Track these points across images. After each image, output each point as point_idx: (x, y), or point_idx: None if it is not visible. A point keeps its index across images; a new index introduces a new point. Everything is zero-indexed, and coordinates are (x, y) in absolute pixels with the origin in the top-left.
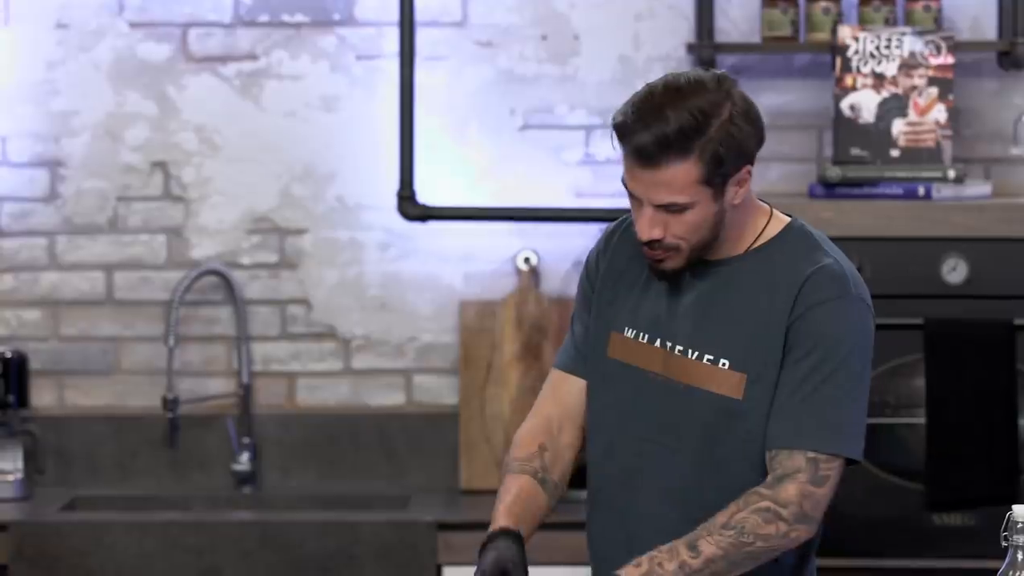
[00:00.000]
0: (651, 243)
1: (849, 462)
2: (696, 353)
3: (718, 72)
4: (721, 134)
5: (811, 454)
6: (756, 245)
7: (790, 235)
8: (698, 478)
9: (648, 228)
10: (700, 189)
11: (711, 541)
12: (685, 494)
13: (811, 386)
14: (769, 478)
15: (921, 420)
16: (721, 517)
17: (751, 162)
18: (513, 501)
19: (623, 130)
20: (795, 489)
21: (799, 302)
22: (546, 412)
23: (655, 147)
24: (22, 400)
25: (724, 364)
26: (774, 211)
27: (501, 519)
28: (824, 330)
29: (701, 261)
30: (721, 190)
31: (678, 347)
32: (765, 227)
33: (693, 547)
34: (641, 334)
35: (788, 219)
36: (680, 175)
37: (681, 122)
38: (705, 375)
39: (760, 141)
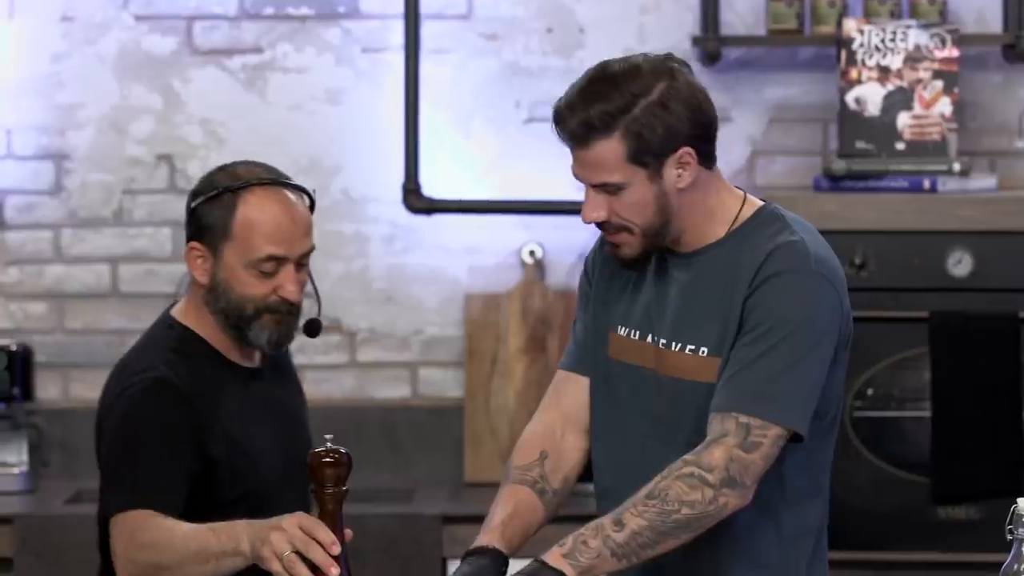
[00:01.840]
0: (601, 227)
1: (795, 438)
2: (679, 345)
3: (663, 56)
4: (646, 114)
5: (743, 419)
6: (731, 231)
7: (760, 218)
8: None
9: (590, 209)
10: (630, 168)
11: (635, 513)
12: None
13: (753, 355)
14: (700, 445)
15: (926, 413)
16: (646, 488)
17: (690, 145)
18: (509, 518)
19: (557, 116)
20: (721, 453)
21: (756, 277)
22: (549, 416)
23: (581, 128)
24: (27, 393)
25: (703, 352)
26: (747, 197)
27: (492, 536)
28: (773, 302)
29: (679, 254)
30: (658, 171)
31: (663, 341)
32: (739, 213)
33: (618, 522)
34: (633, 331)
35: (761, 204)
36: (606, 154)
37: (606, 104)
38: (689, 366)
39: (700, 125)
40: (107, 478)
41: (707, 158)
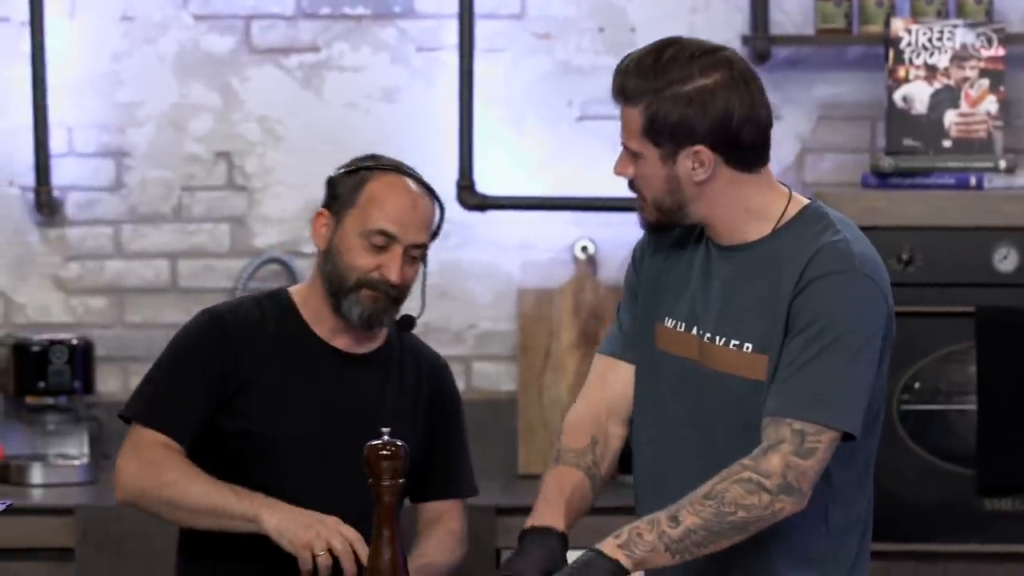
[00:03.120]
0: (630, 185)
1: (846, 437)
2: (723, 339)
3: (730, 57)
4: (669, 101)
5: (797, 425)
6: (776, 228)
7: (805, 216)
8: (731, 461)
9: (619, 164)
10: (644, 142)
11: (691, 511)
12: None
13: (805, 358)
14: (756, 450)
15: (972, 406)
16: (703, 489)
17: (707, 145)
18: (570, 503)
19: (615, 73)
20: (778, 460)
21: (803, 278)
22: (594, 400)
23: (618, 89)
24: (88, 386)
25: (748, 347)
26: (793, 195)
27: (556, 519)
28: (822, 304)
29: (722, 247)
30: (671, 156)
31: (707, 334)
32: (784, 211)
33: (673, 518)
34: (679, 323)
35: (806, 202)
36: (629, 119)
37: (643, 80)
38: (732, 360)
39: (725, 132)
40: (140, 384)
41: (740, 161)
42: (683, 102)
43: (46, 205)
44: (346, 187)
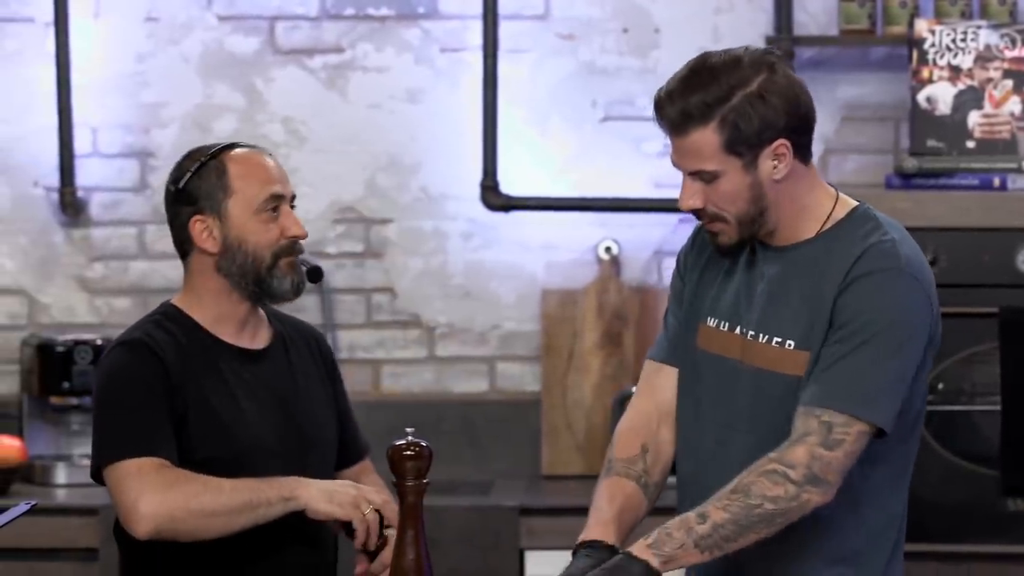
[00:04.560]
0: (697, 214)
1: (879, 434)
2: (766, 336)
3: (763, 50)
4: (744, 104)
5: (826, 417)
6: (823, 229)
7: (854, 217)
8: None
9: (685, 197)
10: (726, 157)
11: (719, 506)
12: None
13: (842, 352)
14: (784, 443)
15: (996, 407)
16: (730, 484)
17: (786, 137)
18: (620, 513)
19: (657, 105)
20: (803, 451)
21: (848, 276)
22: (643, 407)
23: (679, 117)
24: None
25: (790, 345)
26: (840, 196)
27: (607, 532)
28: (865, 301)
29: (771, 247)
30: (753, 162)
31: (751, 332)
32: (832, 211)
33: (702, 515)
34: (722, 323)
35: (855, 204)
36: (702, 142)
37: (705, 95)
38: (774, 357)
39: (796, 118)
40: (96, 435)
41: (803, 151)
42: (757, 100)
43: (71, 206)
44: (208, 183)
